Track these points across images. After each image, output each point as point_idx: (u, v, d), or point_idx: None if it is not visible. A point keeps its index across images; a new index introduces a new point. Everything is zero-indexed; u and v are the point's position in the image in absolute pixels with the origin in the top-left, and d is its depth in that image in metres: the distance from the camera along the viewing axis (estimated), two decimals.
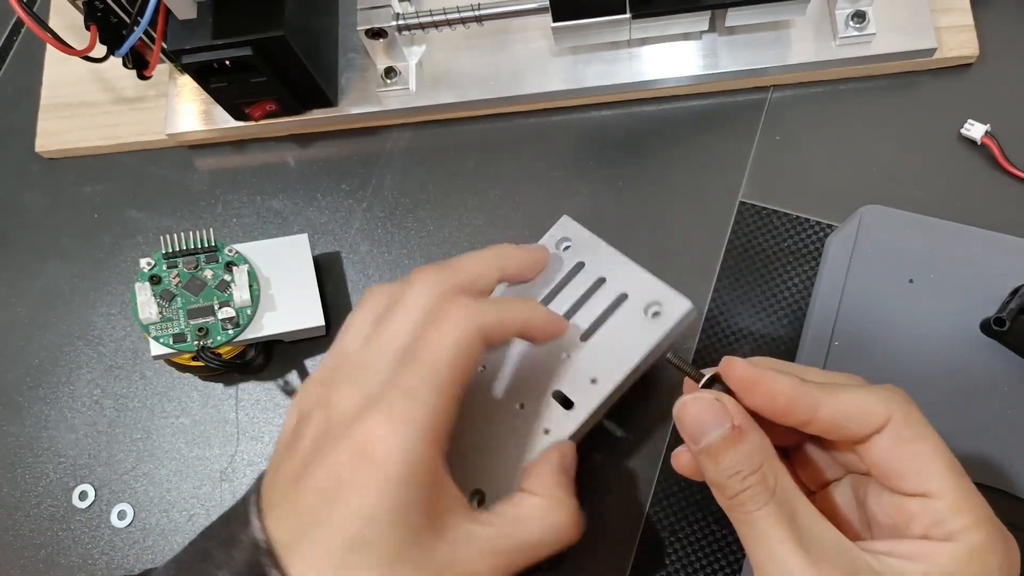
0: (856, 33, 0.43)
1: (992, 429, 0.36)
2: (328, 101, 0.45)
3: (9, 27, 0.53)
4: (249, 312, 0.40)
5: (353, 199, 0.46)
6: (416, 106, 0.46)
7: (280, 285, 0.41)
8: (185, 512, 0.42)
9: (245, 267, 0.40)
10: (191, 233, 0.41)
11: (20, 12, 0.37)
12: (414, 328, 0.28)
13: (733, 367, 0.27)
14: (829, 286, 0.39)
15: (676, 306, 0.33)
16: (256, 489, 0.28)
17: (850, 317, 0.38)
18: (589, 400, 0.33)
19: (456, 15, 0.42)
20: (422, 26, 0.42)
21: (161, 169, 0.48)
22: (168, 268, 0.40)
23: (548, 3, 0.40)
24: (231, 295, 0.40)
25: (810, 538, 0.25)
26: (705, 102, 0.46)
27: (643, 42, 0.45)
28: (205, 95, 0.44)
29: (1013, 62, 0.44)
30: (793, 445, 0.31)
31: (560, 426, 0.33)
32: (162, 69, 0.47)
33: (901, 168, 0.43)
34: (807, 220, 0.43)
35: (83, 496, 0.43)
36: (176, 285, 0.40)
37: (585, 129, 0.46)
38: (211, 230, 0.41)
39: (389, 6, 0.42)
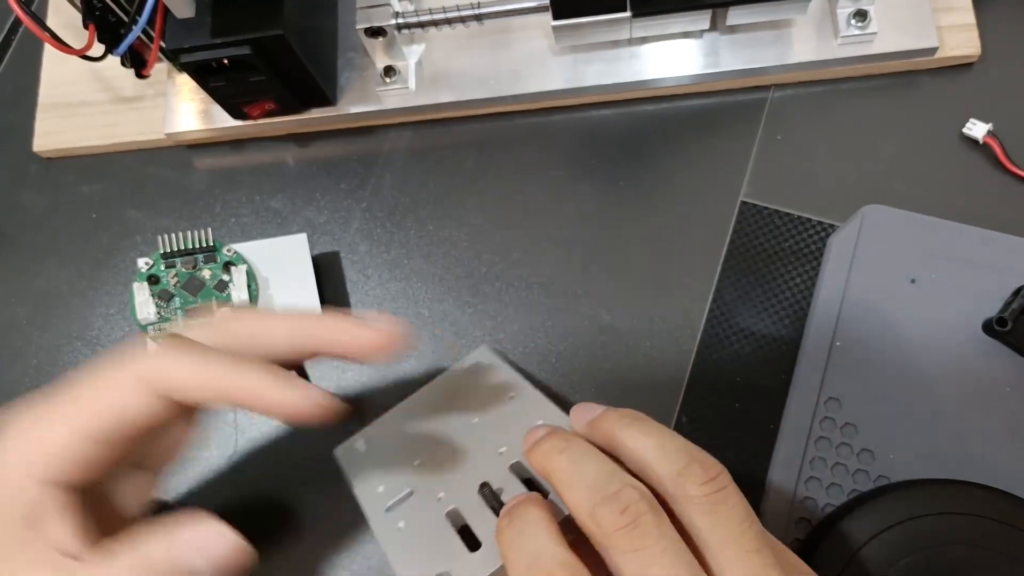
0: (857, 32, 0.43)
1: (994, 429, 0.36)
2: (327, 100, 0.45)
3: (7, 26, 0.52)
4: None
5: (352, 199, 0.46)
6: (416, 105, 0.46)
7: (279, 285, 0.41)
8: None
9: (243, 267, 0.40)
10: (189, 233, 0.40)
11: (18, 11, 0.37)
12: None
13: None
14: (831, 286, 0.39)
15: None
16: None
17: (852, 317, 0.38)
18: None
19: (456, 14, 0.42)
20: (422, 25, 0.42)
21: (159, 169, 0.48)
22: (166, 268, 0.40)
23: (548, 1, 0.40)
24: (229, 295, 0.40)
25: None
26: (706, 101, 0.45)
27: (643, 41, 0.45)
28: (204, 94, 0.44)
29: (1015, 61, 0.44)
30: None
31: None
32: (160, 68, 0.47)
33: (903, 168, 0.43)
34: (808, 220, 0.43)
35: None
36: (174, 285, 0.40)
37: (585, 128, 0.46)
38: (209, 230, 0.41)
39: (388, 5, 0.42)
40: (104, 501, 0.29)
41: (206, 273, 0.40)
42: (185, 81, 0.47)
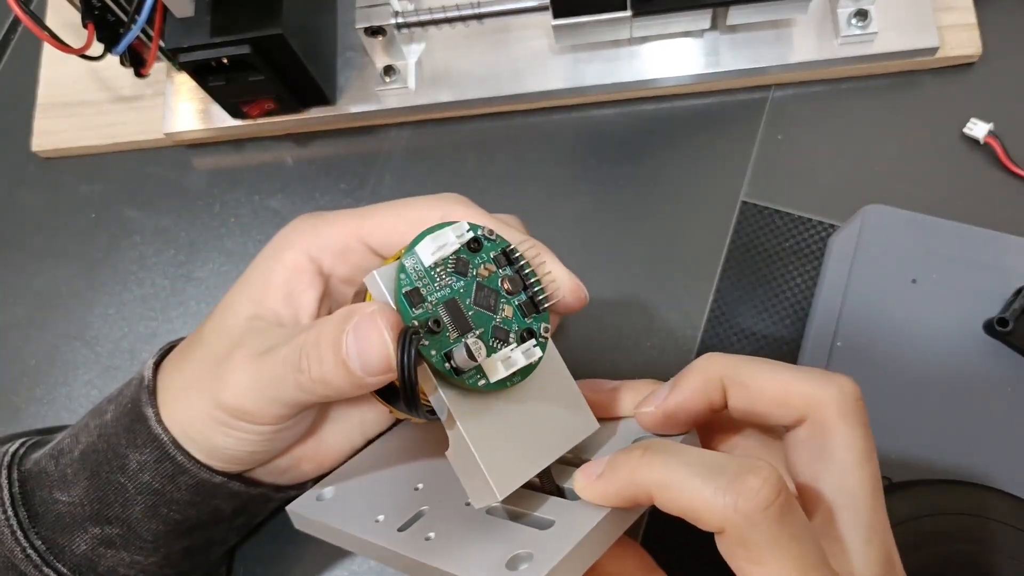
0: (858, 32, 0.42)
1: (994, 429, 0.36)
2: (327, 100, 0.45)
3: (6, 25, 0.52)
4: None
5: (352, 198, 0.46)
6: (415, 105, 0.45)
7: None
8: None
9: None
10: None
11: (17, 10, 0.37)
12: None
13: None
14: (831, 286, 0.39)
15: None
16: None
17: (853, 317, 0.38)
18: None
19: (456, 13, 0.42)
20: (421, 24, 0.42)
21: (159, 168, 0.48)
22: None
23: (548, 1, 0.40)
24: None
25: None
26: (706, 101, 0.45)
27: (644, 40, 0.44)
28: (203, 94, 0.44)
29: (1016, 61, 0.44)
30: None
31: None
32: (160, 67, 0.47)
33: (904, 167, 0.43)
34: (809, 220, 0.43)
35: None
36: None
37: (586, 128, 0.46)
38: None
39: (388, 4, 0.41)
40: None
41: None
42: (184, 80, 0.47)
